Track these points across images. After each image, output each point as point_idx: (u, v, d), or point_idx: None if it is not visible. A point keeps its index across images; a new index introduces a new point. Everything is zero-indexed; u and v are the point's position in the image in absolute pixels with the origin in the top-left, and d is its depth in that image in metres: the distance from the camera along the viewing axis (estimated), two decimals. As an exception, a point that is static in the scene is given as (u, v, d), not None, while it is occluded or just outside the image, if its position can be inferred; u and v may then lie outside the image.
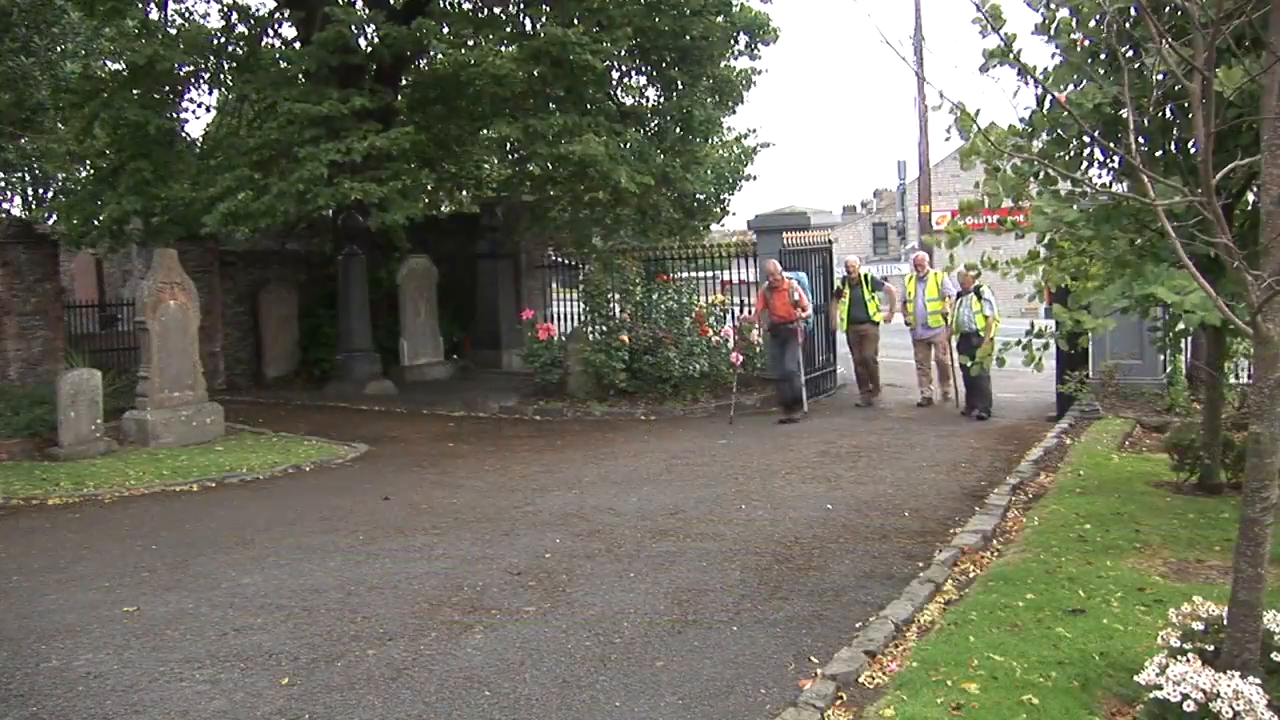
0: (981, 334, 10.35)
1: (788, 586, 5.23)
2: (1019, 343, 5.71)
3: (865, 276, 12.23)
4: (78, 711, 3.95)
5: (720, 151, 15.51)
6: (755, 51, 14.40)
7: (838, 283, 12.60)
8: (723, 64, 14.31)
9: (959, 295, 10.96)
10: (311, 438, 10.70)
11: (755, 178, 19.37)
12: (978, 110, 5.30)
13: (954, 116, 4.13)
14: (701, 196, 14.92)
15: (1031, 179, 5.79)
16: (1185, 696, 3.03)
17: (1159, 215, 3.26)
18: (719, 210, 15.37)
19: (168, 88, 13.47)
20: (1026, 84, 5.58)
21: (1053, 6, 5.63)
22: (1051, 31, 5.70)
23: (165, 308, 10.35)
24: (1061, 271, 6.05)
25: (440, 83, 13.62)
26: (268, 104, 12.78)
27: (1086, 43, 5.72)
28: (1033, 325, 5.64)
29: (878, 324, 12.26)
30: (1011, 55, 5.14)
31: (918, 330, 11.90)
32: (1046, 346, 5.53)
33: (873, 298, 12.06)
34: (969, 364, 9.85)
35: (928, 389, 12.03)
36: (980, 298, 10.67)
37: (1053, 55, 5.84)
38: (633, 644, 4.48)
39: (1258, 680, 3.05)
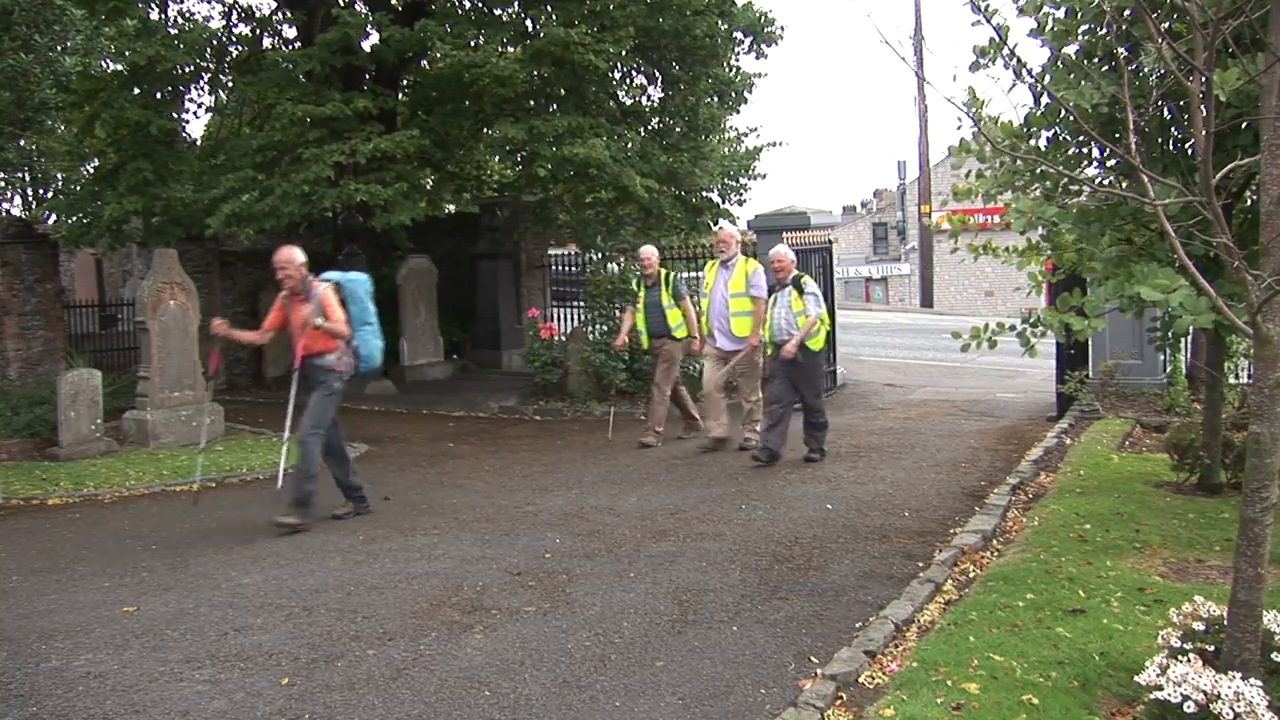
0: (808, 345, 8.31)
1: (788, 586, 5.23)
2: (1012, 327, 5.67)
3: (665, 276, 9.52)
4: (78, 711, 3.95)
5: (725, 149, 15.43)
6: (761, 52, 14.37)
7: (633, 283, 10.15)
8: (725, 65, 14.29)
9: (773, 290, 8.54)
10: (311, 438, 10.69)
11: (765, 175, 19.30)
12: (983, 102, 5.34)
13: (963, 117, 4.13)
14: (708, 194, 14.85)
15: (1026, 176, 5.80)
16: (1186, 698, 3.03)
17: (1159, 215, 3.26)
18: (735, 202, 15.25)
19: (169, 88, 13.48)
20: (1022, 81, 5.58)
21: (1046, 10, 5.63)
22: (1047, 34, 5.70)
23: (165, 308, 10.35)
24: (1061, 266, 6.07)
25: (442, 83, 13.62)
26: (268, 105, 12.78)
27: (1082, 39, 5.71)
28: (1030, 313, 5.62)
29: (681, 340, 9.49)
30: (1006, 51, 5.14)
31: (715, 339, 9.10)
32: (1043, 335, 5.52)
33: (674, 304, 9.44)
34: (814, 400, 8.26)
35: (719, 421, 9.14)
36: (803, 292, 8.31)
37: (1049, 56, 5.84)
38: (633, 644, 4.48)
39: (1259, 681, 3.05)
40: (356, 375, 7.11)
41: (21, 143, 18.13)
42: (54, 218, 15.55)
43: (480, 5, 14.57)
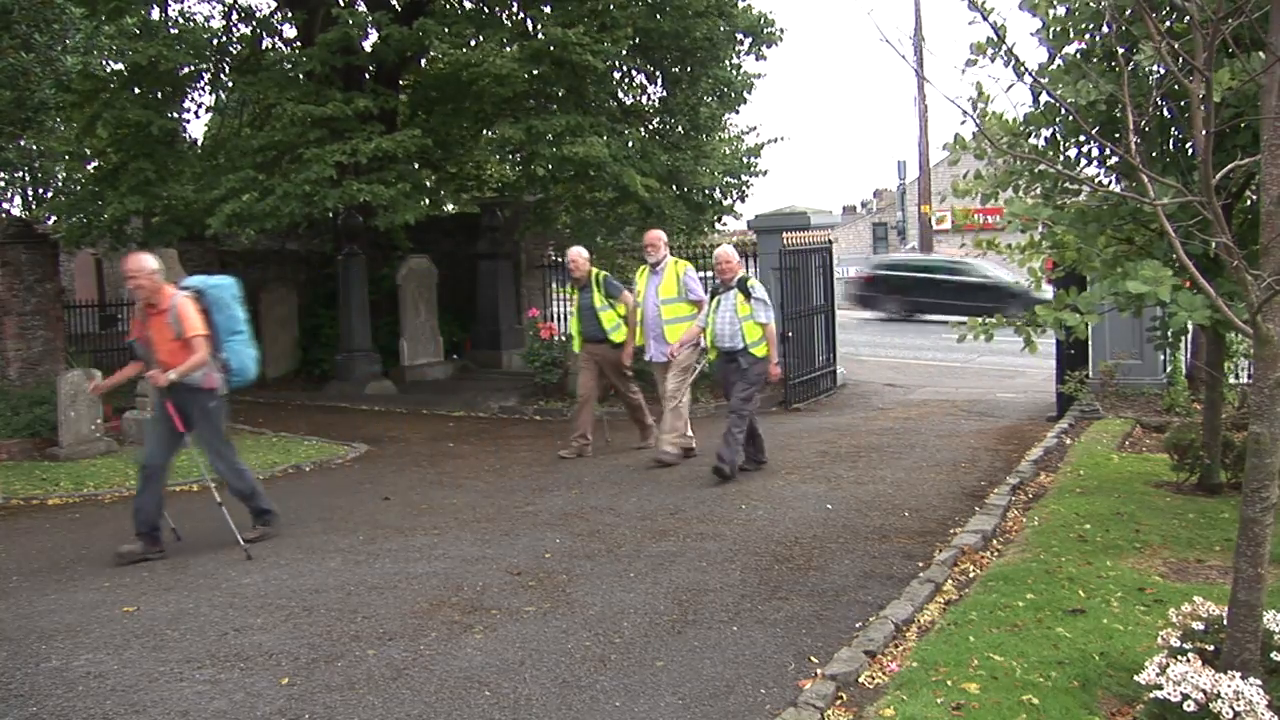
0: (754, 352, 7.71)
1: (788, 586, 5.23)
2: (1010, 322, 5.67)
3: (597, 276, 8.92)
4: (78, 711, 3.95)
5: (726, 148, 15.41)
6: (761, 53, 14.37)
7: (566, 288, 9.77)
8: (726, 65, 14.28)
9: (715, 294, 7.98)
10: (311, 438, 10.70)
11: (766, 172, 19.10)
12: (989, 97, 5.34)
13: (968, 113, 4.13)
14: (709, 190, 14.83)
15: (1025, 175, 5.80)
16: (1186, 697, 3.03)
17: (1159, 215, 3.26)
18: (735, 201, 15.21)
19: (169, 88, 13.48)
20: (1021, 80, 5.59)
21: (1051, 13, 5.63)
22: (1046, 33, 5.70)
23: (165, 308, 10.33)
24: (1062, 264, 6.07)
25: (442, 83, 13.62)
26: (269, 105, 12.79)
27: (1085, 40, 5.72)
28: (1028, 313, 5.62)
29: (618, 346, 8.92)
30: (1004, 48, 5.14)
31: (649, 348, 8.67)
32: (1043, 332, 5.52)
33: (608, 305, 8.84)
34: (738, 403, 7.62)
35: (684, 435, 8.58)
36: (749, 296, 7.71)
37: (1049, 55, 5.85)
38: (633, 644, 4.48)
39: (1258, 680, 3.05)
40: (229, 390, 6.45)
41: (21, 143, 18.12)
42: (54, 218, 15.55)
43: (480, 5, 14.58)
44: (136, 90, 12.86)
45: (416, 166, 12.66)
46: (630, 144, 13.18)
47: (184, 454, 9.64)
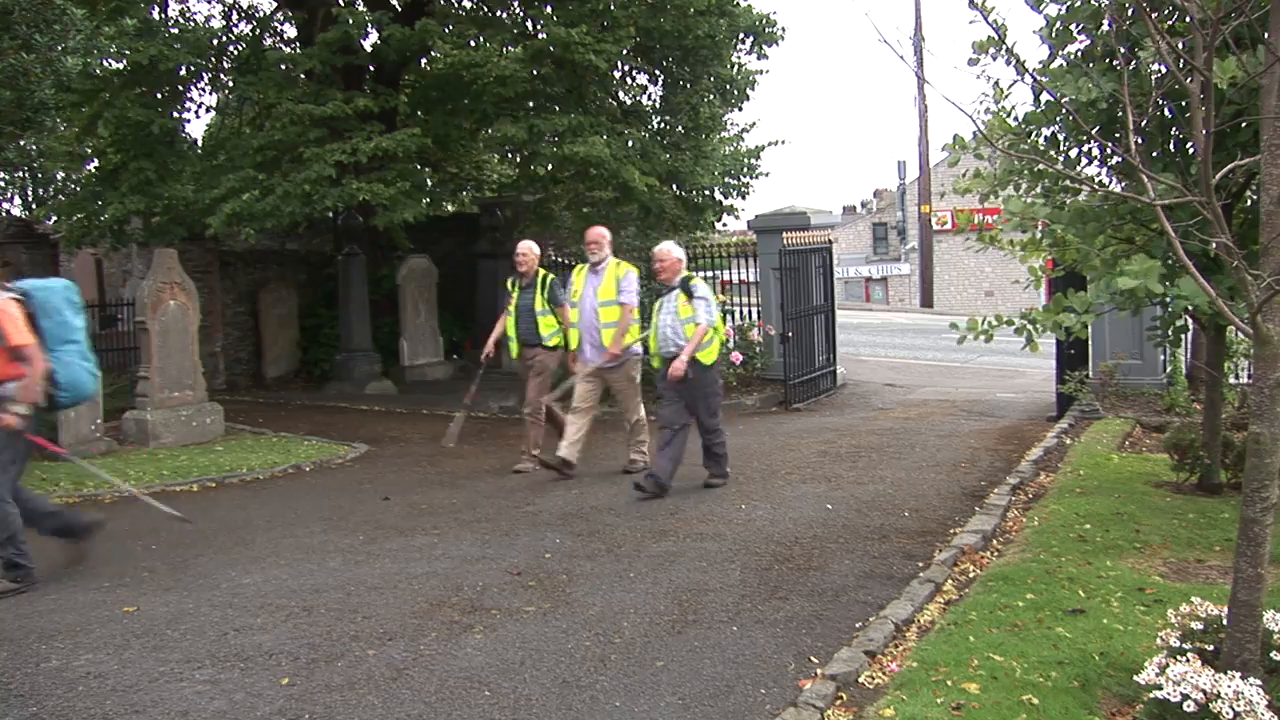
0: (699, 358, 7.27)
1: (788, 586, 5.23)
2: (1009, 322, 5.66)
3: (543, 277, 8.48)
4: (78, 711, 3.95)
5: (727, 148, 15.42)
6: (762, 52, 14.37)
7: (507, 284, 8.86)
8: (727, 63, 14.29)
9: (661, 295, 7.58)
10: (311, 438, 10.70)
11: (768, 173, 18.83)
12: (1004, 93, 5.32)
13: (976, 110, 4.13)
14: (709, 191, 14.83)
15: (1025, 175, 5.80)
16: (1185, 697, 3.03)
17: (1159, 214, 3.26)
18: (734, 202, 15.22)
19: (170, 88, 13.49)
20: (1022, 80, 5.59)
21: (1054, 12, 5.63)
22: (1050, 33, 5.70)
23: (165, 308, 10.35)
24: (1063, 262, 6.07)
25: (442, 83, 13.63)
26: (269, 104, 12.80)
27: (1085, 39, 5.72)
28: (1030, 311, 5.61)
29: (555, 349, 8.45)
30: (1004, 47, 5.14)
31: (585, 352, 8.09)
32: (1044, 332, 5.52)
33: (549, 311, 8.41)
34: (710, 422, 7.32)
35: (640, 451, 8.22)
36: (691, 295, 7.34)
37: (1049, 54, 5.85)
38: (633, 644, 4.48)
39: (1258, 680, 3.05)
40: (55, 408, 5.87)
41: (21, 143, 18.14)
42: (54, 218, 15.56)
43: (480, 5, 14.58)
44: (137, 90, 12.86)
45: (417, 166, 12.67)
46: (630, 144, 13.18)
47: (185, 455, 9.65)
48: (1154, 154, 5.48)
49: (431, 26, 12.16)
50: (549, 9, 12.98)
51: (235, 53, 14.51)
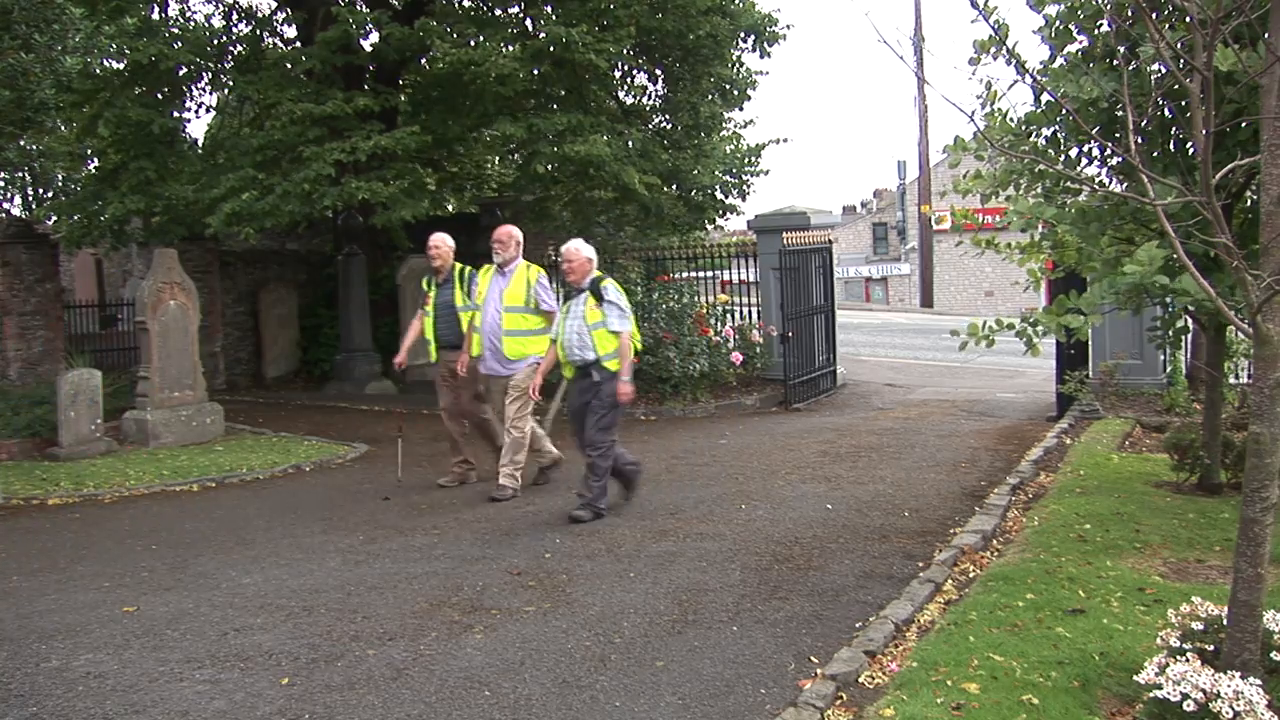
0: (606, 365, 6.62)
1: (788, 586, 5.23)
2: (1010, 325, 5.66)
3: (461, 271, 7.84)
4: (78, 711, 3.95)
5: (727, 146, 15.42)
6: (765, 51, 14.36)
7: (423, 282, 8.20)
8: (729, 63, 14.28)
9: (569, 298, 6.87)
10: (311, 438, 10.71)
11: (768, 172, 18.73)
12: (997, 94, 5.33)
13: (975, 110, 4.13)
14: (710, 190, 14.82)
15: (1026, 175, 5.80)
16: (1185, 696, 3.03)
17: (1159, 215, 3.26)
18: (734, 201, 15.19)
19: (170, 87, 13.50)
20: (1022, 80, 5.59)
21: (1054, 12, 5.63)
22: (1051, 33, 5.70)
23: (165, 308, 10.35)
24: (1063, 264, 6.07)
25: (442, 82, 13.63)
26: (269, 104, 12.80)
27: (1085, 42, 5.72)
28: (1030, 313, 5.61)
29: (478, 355, 7.61)
30: (1006, 47, 5.14)
31: (485, 359, 7.50)
32: (1045, 335, 5.51)
33: (471, 306, 7.70)
34: (595, 435, 6.56)
35: (511, 475, 7.47)
36: (601, 299, 6.65)
37: (1050, 54, 5.84)
38: (633, 644, 4.48)
39: (1258, 680, 3.05)
40: None
41: (21, 143, 18.13)
42: (54, 218, 15.56)
43: (480, 4, 14.58)
44: (137, 90, 12.86)
45: (416, 165, 12.67)
46: (631, 143, 13.18)
47: (184, 455, 9.66)
48: (1154, 154, 5.48)
49: (431, 26, 12.16)
50: (549, 8, 12.98)
51: (235, 52, 14.50)
